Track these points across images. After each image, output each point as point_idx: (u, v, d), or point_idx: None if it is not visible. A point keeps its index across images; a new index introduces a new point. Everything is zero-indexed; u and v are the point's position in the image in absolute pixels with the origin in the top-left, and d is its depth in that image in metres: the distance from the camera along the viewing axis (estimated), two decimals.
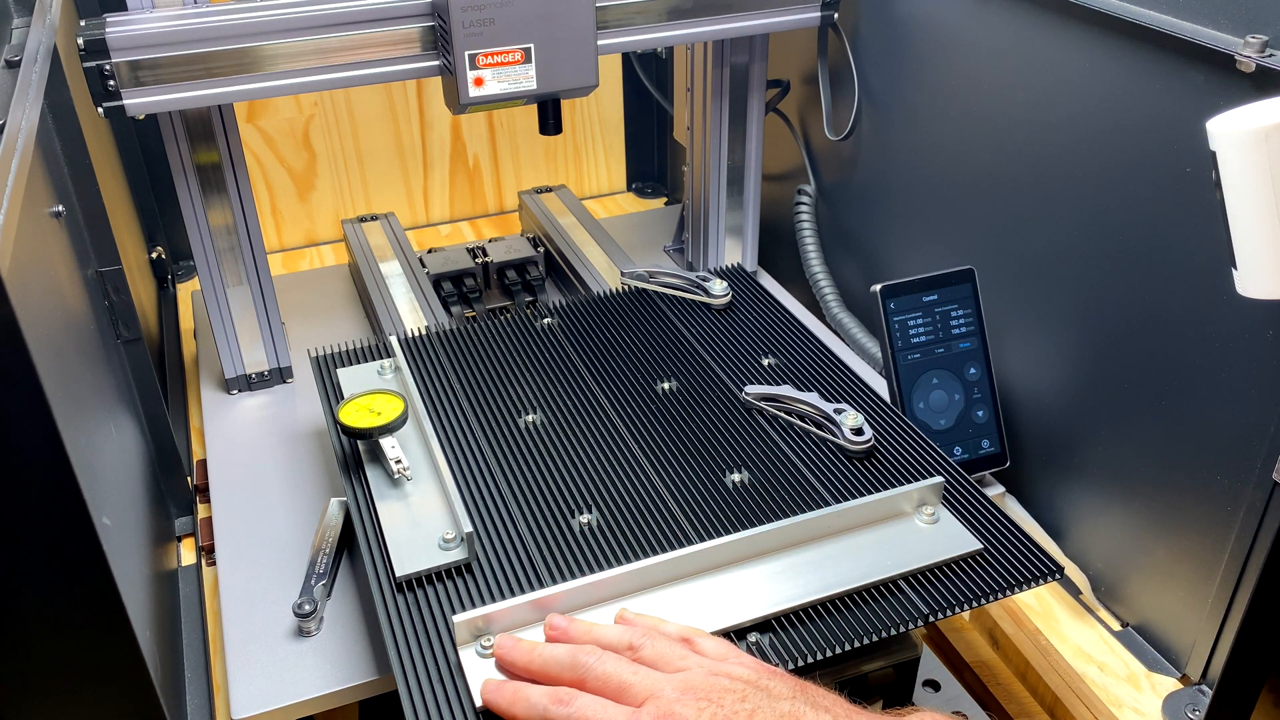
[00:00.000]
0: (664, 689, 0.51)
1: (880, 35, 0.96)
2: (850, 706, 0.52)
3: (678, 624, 0.58)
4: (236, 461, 0.89)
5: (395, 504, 0.71)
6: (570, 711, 0.52)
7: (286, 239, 1.34)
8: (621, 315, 0.92)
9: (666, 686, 0.51)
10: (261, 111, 1.25)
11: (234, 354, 0.96)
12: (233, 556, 0.79)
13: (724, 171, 1.05)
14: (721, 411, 0.80)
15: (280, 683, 0.68)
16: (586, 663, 0.54)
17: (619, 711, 0.51)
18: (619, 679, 0.52)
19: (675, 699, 0.50)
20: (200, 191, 0.88)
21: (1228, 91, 0.63)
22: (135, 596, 0.61)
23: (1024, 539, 0.67)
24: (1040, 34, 0.77)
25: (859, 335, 1.03)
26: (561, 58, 0.82)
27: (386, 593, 0.65)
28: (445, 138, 1.34)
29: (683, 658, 0.54)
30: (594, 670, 0.53)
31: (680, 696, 0.51)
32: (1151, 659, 0.78)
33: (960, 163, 0.89)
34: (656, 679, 0.52)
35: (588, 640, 0.56)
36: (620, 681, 0.52)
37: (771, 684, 0.52)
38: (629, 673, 0.53)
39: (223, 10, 0.78)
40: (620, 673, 0.53)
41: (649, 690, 0.51)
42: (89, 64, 0.75)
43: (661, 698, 0.51)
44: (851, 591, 0.63)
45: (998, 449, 0.89)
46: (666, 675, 0.52)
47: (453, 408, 0.81)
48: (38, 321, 0.51)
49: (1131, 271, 0.74)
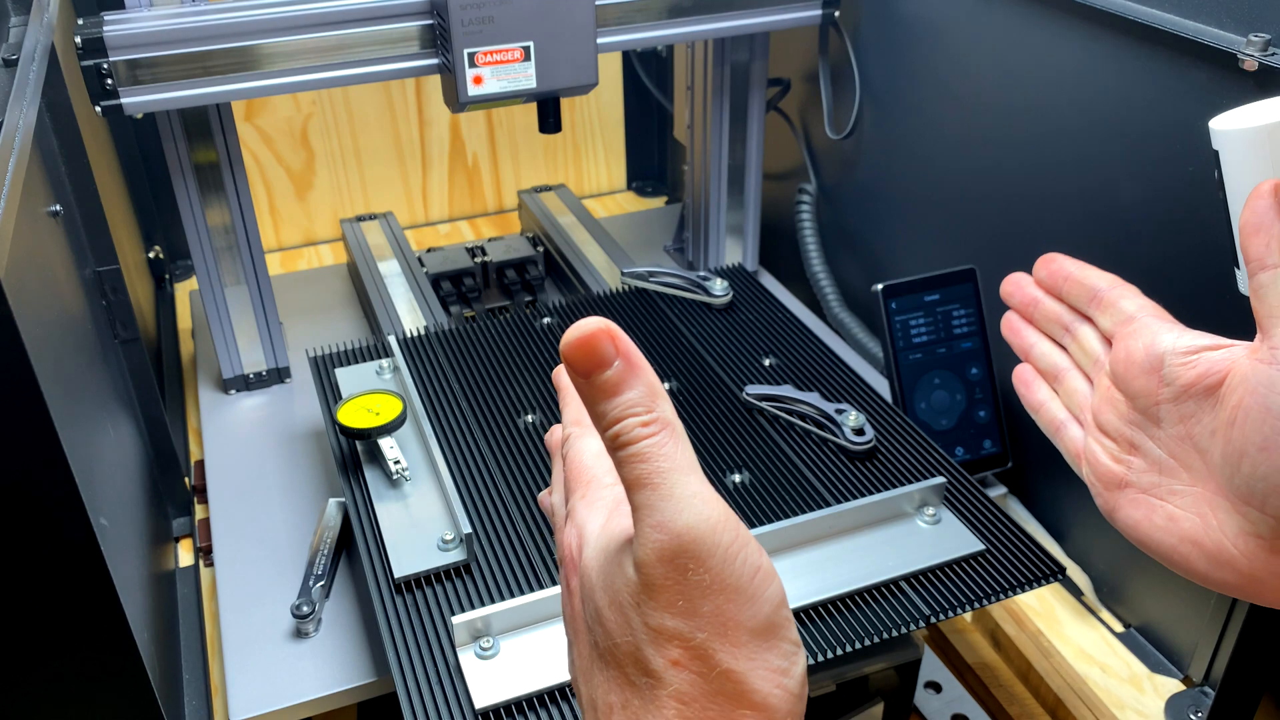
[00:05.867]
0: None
1: (881, 34, 0.96)
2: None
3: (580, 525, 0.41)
4: (234, 462, 0.89)
5: (394, 505, 0.71)
6: None
7: (285, 238, 1.33)
8: (621, 315, 0.92)
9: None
10: (259, 110, 1.24)
11: (232, 354, 0.96)
12: (231, 557, 0.78)
13: (724, 170, 1.05)
14: (722, 411, 0.79)
15: (278, 684, 0.68)
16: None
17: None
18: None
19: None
20: (198, 191, 0.88)
21: (1230, 90, 0.63)
22: (133, 598, 0.60)
23: (1026, 540, 0.66)
24: (1042, 33, 0.77)
25: (860, 335, 1.03)
26: (561, 56, 0.82)
27: (385, 594, 0.65)
28: (444, 136, 1.34)
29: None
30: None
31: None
32: (1154, 660, 0.77)
33: (962, 161, 0.89)
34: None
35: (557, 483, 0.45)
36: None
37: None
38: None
39: (220, 9, 0.78)
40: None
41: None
42: (86, 63, 0.75)
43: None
44: (853, 592, 0.63)
45: (1000, 449, 0.88)
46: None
47: (452, 408, 0.80)
48: (35, 321, 0.50)
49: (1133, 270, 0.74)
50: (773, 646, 0.34)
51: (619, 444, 0.34)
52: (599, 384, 0.34)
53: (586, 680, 0.37)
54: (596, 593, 0.36)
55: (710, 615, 0.33)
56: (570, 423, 0.42)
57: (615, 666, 0.35)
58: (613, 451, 0.34)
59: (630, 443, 0.34)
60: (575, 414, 0.42)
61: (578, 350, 0.33)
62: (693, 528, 0.33)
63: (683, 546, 0.33)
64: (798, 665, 0.34)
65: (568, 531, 0.39)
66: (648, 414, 0.34)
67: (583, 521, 0.38)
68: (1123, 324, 0.50)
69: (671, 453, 0.34)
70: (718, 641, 0.33)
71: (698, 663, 0.33)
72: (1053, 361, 0.55)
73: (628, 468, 0.34)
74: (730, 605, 0.33)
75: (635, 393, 0.34)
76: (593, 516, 0.38)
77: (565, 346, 0.34)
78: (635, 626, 0.34)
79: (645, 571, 0.33)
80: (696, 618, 0.33)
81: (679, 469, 0.33)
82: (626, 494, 0.34)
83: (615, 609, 0.35)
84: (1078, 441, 0.53)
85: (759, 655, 0.34)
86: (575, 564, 0.38)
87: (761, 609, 0.34)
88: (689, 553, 0.33)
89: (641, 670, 0.34)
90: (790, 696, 0.34)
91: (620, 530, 0.36)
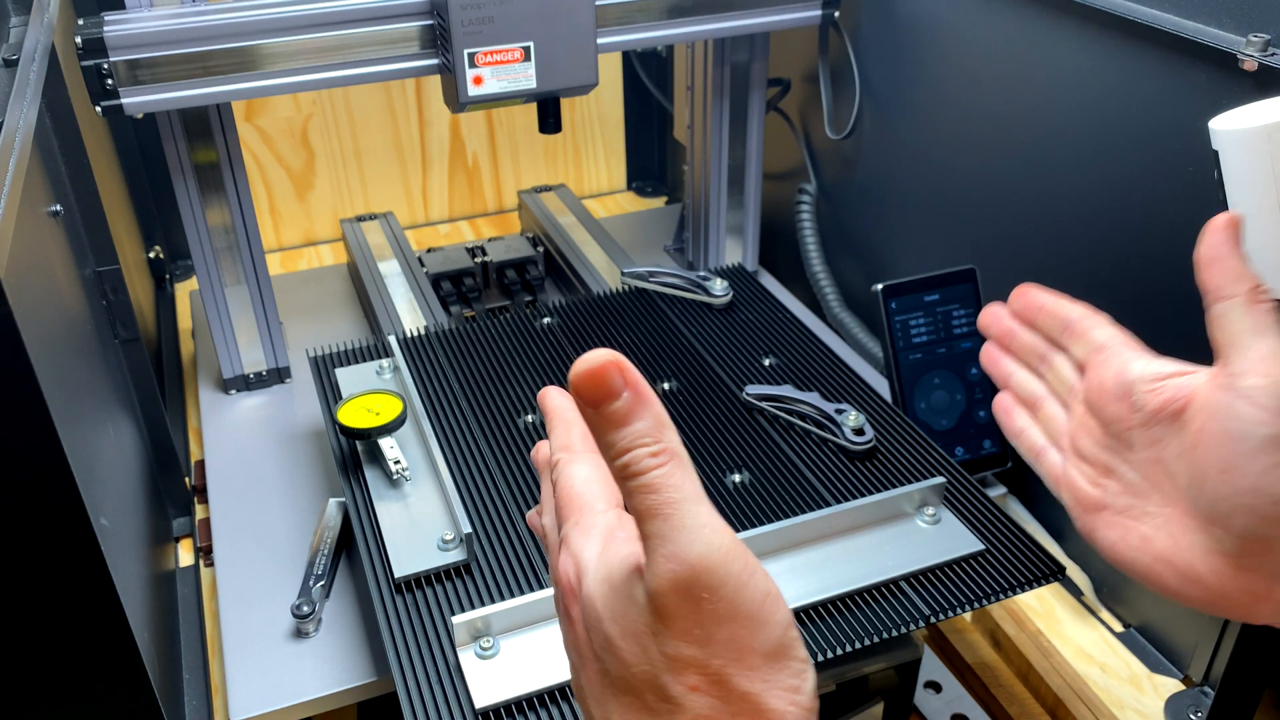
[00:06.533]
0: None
1: (881, 34, 0.96)
2: None
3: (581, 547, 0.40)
4: (235, 462, 0.89)
5: (394, 504, 0.71)
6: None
7: (285, 238, 1.33)
8: (621, 315, 0.92)
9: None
10: (260, 110, 1.24)
11: (232, 354, 0.96)
12: (231, 557, 0.78)
13: (724, 170, 1.05)
14: (722, 412, 0.79)
15: (278, 684, 0.68)
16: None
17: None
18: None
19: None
20: (198, 191, 0.88)
21: (1230, 90, 0.63)
22: (133, 597, 0.60)
23: (1026, 540, 0.66)
24: (1042, 33, 0.77)
25: (860, 335, 1.03)
26: (561, 56, 0.82)
27: (385, 594, 0.65)
28: (444, 136, 1.34)
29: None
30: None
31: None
32: (1154, 660, 0.77)
33: (962, 161, 0.89)
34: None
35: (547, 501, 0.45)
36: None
37: None
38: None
39: (221, 9, 0.78)
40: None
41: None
42: (87, 63, 0.75)
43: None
44: (853, 592, 0.63)
45: (999, 449, 0.88)
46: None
47: (452, 408, 0.80)
48: (36, 321, 0.50)
49: (1133, 270, 0.74)
50: (784, 666, 0.35)
51: (628, 474, 0.34)
52: (608, 414, 0.34)
53: (600, 705, 0.38)
54: (605, 623, 0.36)
55: (725, 641, 0.34)
56: (559, 448, 0.43)
57: (631, 693, 0.36)
58: (622, 481, 0.35)
59: (640, 473, 0.34)
60: (563, 439, 0.43)
61: (587, 381, 0.34)
62: (705, 557, 0.33)
63: (696, 576, 0.33)
64: (808, 681, 0.35)
65: (563, 559, 0.40)
66: (656, 444, 0.34)
67: (578, 550, 0.39)
68: (1094, 353, 0.53)
69: (680, 483, 0.34)
70: (733, 666, 0.34)
71: (716, 687, 0.34)
72: (1030, 389, 0.57)
73: (638, 498, 0.34)
74: (744, 631, 0.34)
75: (644, 423, 0.34)
76: (588, 544, 0.38)
77: (575, 378, 0.34)
78: (652, 655, 0.35)
79: (659, 601, 0.34)
80: (712, 645, 0.34)
81: (689, 499, 0.34)
82: (637, 524, 0.35)
83: (629, 638, 0.35)
84: (1057, 467, 0.55)
85: (773, 676, 0.34)
86: (575, 593, 0.38)
87: (773, 632, 0.34)
88: (702, 582, 0.33)
89: (660, 697, 0.35)
90: (803, 712, 0.35)
91: (620, 559, 0.37)
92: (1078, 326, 0.54)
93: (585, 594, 0.37)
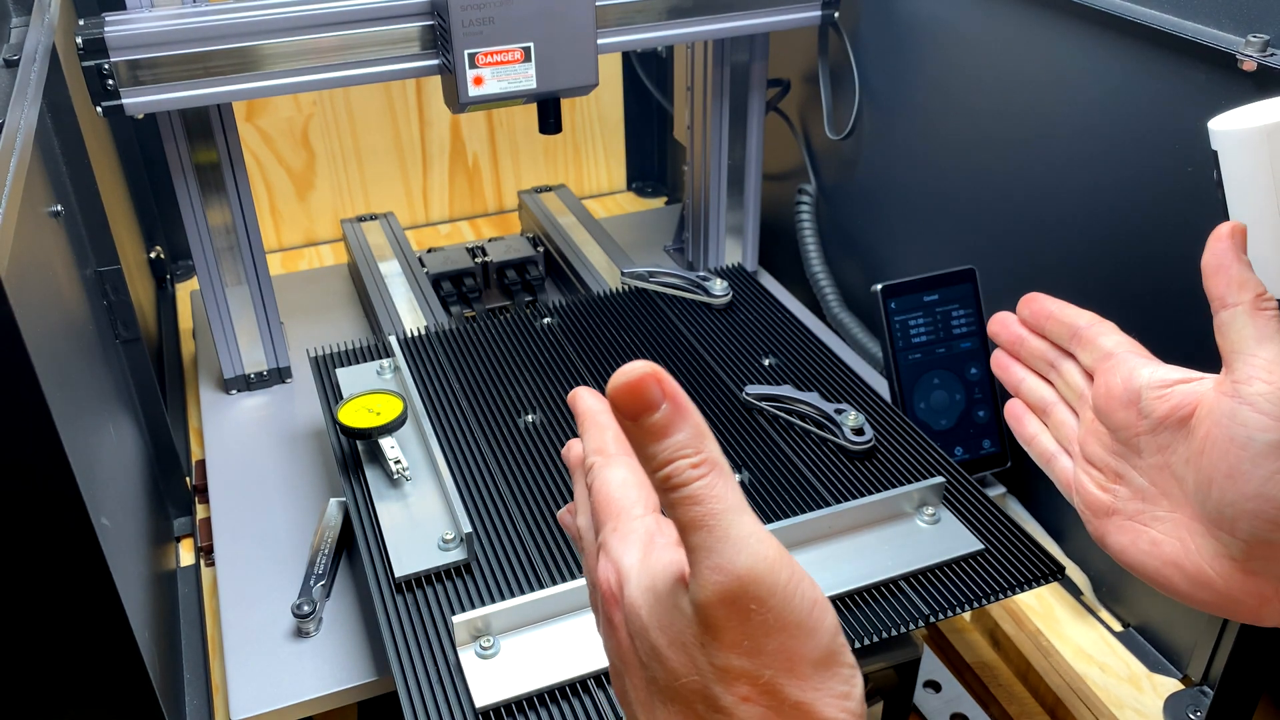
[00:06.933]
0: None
1: (881, 34, 0.96)
2: None
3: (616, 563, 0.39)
4: (235, 462, 0.89)
5: (394, 504, 0.71)
6: None
7: (285, 238, 1.33)
8: (621, 315, 0.92)
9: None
10: (260, 111, 1.24)
11: (233, 354, 0.96)
12: (231, 557, 0.78)
13: (724, 171, 1.05)
14: (722, 411, 0.79)
15: (279, 683, 0.68)
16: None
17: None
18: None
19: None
20: (199, 191, 0.88)
21: (1229, 91, 0.63)
22: (134, 597, 0.60)
23: (1025, 539, 0.67)
24: (1041, 33, 0.77)
25: (860, 335, 1.03)
26: (561, 56, 0.82)
27: (386, 593, 0.65)
28: (444, 137, 1.34)
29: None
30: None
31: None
32: (1153, 660, 0.77)
33: (961, 162, 0.89)
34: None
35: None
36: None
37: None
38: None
39: (221, 9, 0.78)
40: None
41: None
42: (88, 63, 0.75)
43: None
44: (852, 592, 0.63)
45: (999, 449, 0.88)
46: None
47: (452, 408, 0.81)
48: (36, 321, 0.50)
49: (1133, 270, 0.74)
50: (834, 673, 0.35)
51: (670, 485, 0.34)
52: (648, 426, 0.34)
53: (647, 712, 0.38)
54: (651, 631, 0.36)
55: (775, 652, 0.34)
56: (593, 451, 0.42)
57: (680, 702, 0.36)
58: (664, 494, 0.35)
59: (682, 484, 0.34)
60: (597, 442, 0.42)
61: (625, 394, 0.34)
62: (752, 569, 0.33)
63: (744, 588, 0.33)
64: (857, 687, 0.35)
65: (602, 565, 0.39)
66: (697, 455, 0.34)
67: (618, 556, 0.38)
68: (1102, 360, 0.53)
69: (723, 493, 0.34)
70: (784, 676, 0.34)
71: (767, 697, 0.34)
72: (1040, 396, 0.58)
73: (681, 510, 0.34)
74: (793, 641, 0.34)
75: (684, 434, 0.34)
76: (629, 551, 0.38)
77: (613, 391, 0.34)
78: (701, 666, 0.35)
79: (706, 613, 0.34)
80: (762, 655, 0.34)
81: (732, 509, 0.34)
82: (680, 535, 0.35)
83: (677, 649, 0.35)
84: (1068, 472, 0.56)
85: (824, 684, 0.34)
86: (617, 599, 0.38)
87: (821, 640, 0.34)
88: (750, 593, 0.33)
89: (711, 707, 0.35)
90: (854, 718, 0.35)
91: (662, 566, 0.37)
92: (1086, 334, 0.54)
93: (628, 601, 0.37)
